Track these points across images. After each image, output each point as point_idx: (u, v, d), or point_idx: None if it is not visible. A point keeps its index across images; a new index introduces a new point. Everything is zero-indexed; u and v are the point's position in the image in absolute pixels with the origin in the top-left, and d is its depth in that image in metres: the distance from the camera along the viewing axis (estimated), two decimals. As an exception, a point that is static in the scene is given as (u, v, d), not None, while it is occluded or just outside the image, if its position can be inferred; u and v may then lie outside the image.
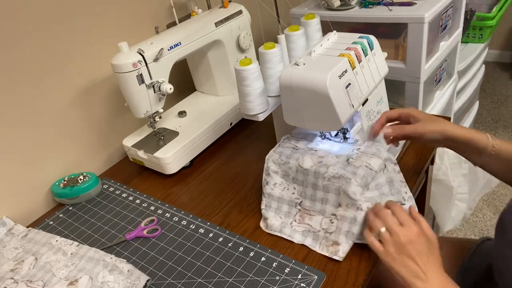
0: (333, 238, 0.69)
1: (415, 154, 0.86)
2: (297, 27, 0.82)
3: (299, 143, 0.80)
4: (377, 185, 0.71)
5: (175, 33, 0.93)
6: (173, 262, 0.72)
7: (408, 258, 0.60)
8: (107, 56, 0.90)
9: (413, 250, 0.60)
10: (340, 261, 0.67)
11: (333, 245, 0.68)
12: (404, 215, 0.64)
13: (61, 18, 0.89)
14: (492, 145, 0.67)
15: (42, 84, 0.89)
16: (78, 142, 0.99)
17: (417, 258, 0.60)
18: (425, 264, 0.60)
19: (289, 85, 0.71)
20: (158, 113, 0.94)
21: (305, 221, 0.74)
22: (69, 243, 0.77)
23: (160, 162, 0.92)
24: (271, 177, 0.78)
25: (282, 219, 0.76)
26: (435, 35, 1.13)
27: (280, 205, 0.77)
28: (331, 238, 0.69)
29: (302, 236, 0.73)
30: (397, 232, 0.62)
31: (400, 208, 0.66)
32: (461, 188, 1.20)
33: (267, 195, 0.78)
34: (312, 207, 0.74)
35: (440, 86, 1.34)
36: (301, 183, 0.75)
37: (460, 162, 1.14)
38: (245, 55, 1.11)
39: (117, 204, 0.89)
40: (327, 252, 0.69)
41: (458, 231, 1.64)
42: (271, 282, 0.65)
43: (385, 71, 0.84)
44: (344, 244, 0.68)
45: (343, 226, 0.68)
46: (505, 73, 2.61)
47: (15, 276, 0.71)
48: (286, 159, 0.76)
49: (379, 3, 1.12)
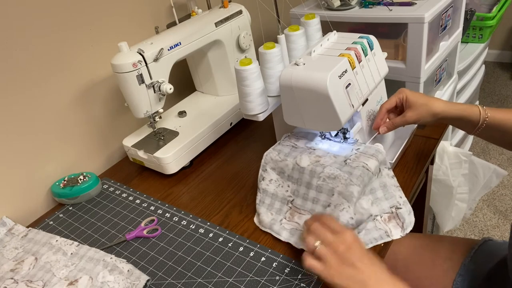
0: None
1: (415, 154, 0.86)
2: (297, 27, 0.82)
3: (299, 141, 0.80)
4: (372, 190, 0.71)
5: (175, 33, 0.93)
6: (173, 262, 0.72)
7: (350, 267, 0.56)
8: (107, 56, 0.90)
9: (353, 256, 0.56)
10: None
11: None
12: (335, 223, 0.62)
13: (61, 18, 0.89)
14: (485, 116, 0.68)
15: (42, 84, 0.89)
16: (78, 142, 0.99)
17: (359, 263, 0.56)
18: (369, 267, 0.56)
19: (289, 85, 0.71)
20: (158, 113, 0.94)
21: (294, 219, 0.74)
22: (69, 243, 0.77)
23: (160, 162, 0.92)
24: (268, 173, 0.78)
25: (273, 215, 0.76)
26: (435, 35, 1.13)
27: (273, 201, 0.77)
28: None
29: (289, 234, 0.72)
30: (332, 242, 0.58)
31: (329, 217, 0.63)
32: (461, 188, 1.19)
33: (262, 190, 0.78)
34: (303, 205, 0.74)
35: (440, 86, 1.34)
36: (296, 181, 0.75)
37: (460, 162, 1.13)
38: (245, 55, 1.11)
39: (117, 204, 0.89)
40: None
41: (458, 231, 1.64)
42: (271, 282, 0.65)
43: (385, 71, 0.84)
44: None
45: None
46: (505, 73, 2.62)
47: (15, 276, 0.71)
48: (284, 157, 0.76)
49: (379, 3, 1.12)
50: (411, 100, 0.72)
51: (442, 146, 1.12)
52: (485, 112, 0.69)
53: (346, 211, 0.67)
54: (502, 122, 0.68)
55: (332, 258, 0.57)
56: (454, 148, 1.13)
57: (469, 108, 0.70)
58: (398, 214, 0.70)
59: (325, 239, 0.59)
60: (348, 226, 0.66)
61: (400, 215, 0.70)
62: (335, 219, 0.64)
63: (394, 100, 0.76)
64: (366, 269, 0.55)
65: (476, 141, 2.06)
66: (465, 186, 1.20)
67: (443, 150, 1.13)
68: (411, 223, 0.70)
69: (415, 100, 0.72)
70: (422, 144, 0.89)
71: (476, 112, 0.69)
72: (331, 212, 0.69)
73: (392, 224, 0.69)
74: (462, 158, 1.12)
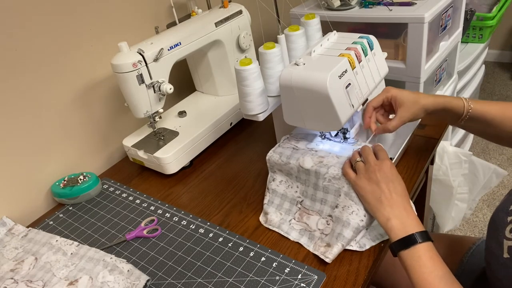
0: (327, 240, 0.69)
1: (415, 154, 0.86)
2: (297, 27, 0.82)
3: (299, 143, 0.80)
4: None
5: (175, 33, 0.93)
6: (173, 262, 0.72)
7: (374, 184, 0.65)
8: (107, 56, 0.90)
9: (381, 176, 0.65)
10: (340, 262, 0.67)
11: (326, 247, 0.68)
12: (384, 154, 0.69)
13: (61, 18, 0.89)
14: (468, 108, 0.71)
15: (42, 84, 0.89)
16: (78, 142, 0.99)
17: (383, 183, 0.64)
18: (391, 190, 0.64)
19: (289, 85, 0.71)
20: (158, 113, 0.94)
21: (303, 220, 0.74)
22: (69, 243, 0.77)
23: (160, 162, 0.92)
24: (277, 174, 0.79)
25: (282, 215, 0.76)
26: (435, 35, 1.13)
27: (282, 202, 0.77)
28: (325, 240, 0.69)
29: (299, 234, 0.73)
30: (370, 161, 0.67)
31: (382, 149, 0.70)
32: (461, 188, 1.19)
33: (272, 190, 0.79)
34: (312, 206, 0.74)
35: (440, 86, 1.34)
36: (304, 182, 0.75)
37: (460, 162, 1.13)
38: (245, 55, 1.11)
39: (117, 204, 0.89)
40: (318, 252, 0.68)
41: (458, 231, 1.64)
42: (271, 282, 0.65)
43: (385, 71, 0.84)
44: (334, 246, 0.67)
45: (336, 228, 0.68)
46: (505, 73, 2.61)
47: (15, 276, 0.71)
48: (287, 160, 0.76)
49: (379, 3, 1.12)
50: (400, 100, 0.73)
51: (442, 146, 1.12)
52: (468, 104, 0.71)
53: (356, 214, 0.67)
54: (484, 113, 0.71)
55: (365, 173, 0.67)
56: (454, 148, 1.13)
57: (454, 100, 0.72)
58: None
59: (366, 158, 0.69)
60: (359, 229, 0.67)
61: None
62: (383, 150, 0.70)
63: (381, 99, 0.76)
64: (386, 190, 0.64)
65: (476, 141, 2.06)
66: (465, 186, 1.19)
67: (443, 150, 1.13)
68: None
69: (405, 99, 0.73)
70: (422, 144, 0.89)
71: (460, 104, 0.72)
72: (339, 215, 0.69)
73: None
74: (462, 158, 1.12)
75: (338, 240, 0.67)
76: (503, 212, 0.58)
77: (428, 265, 0.56)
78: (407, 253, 0.58)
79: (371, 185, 0.65)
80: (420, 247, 0.58)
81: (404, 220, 0.61)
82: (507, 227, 0.55)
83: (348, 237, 0.67)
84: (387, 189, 0.64)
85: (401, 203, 0.63)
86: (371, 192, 0.65)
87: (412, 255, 0.58)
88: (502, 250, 0.55)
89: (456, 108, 0.72)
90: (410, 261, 0.58)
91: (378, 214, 0.63)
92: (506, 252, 0.54)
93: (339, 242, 0.67)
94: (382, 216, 0.63)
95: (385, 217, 0.62)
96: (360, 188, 0.66)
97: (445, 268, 0.57)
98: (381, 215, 0.63)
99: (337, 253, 0.66)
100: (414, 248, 0.58)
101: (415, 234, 0.59)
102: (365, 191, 0.66)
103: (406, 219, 0.61)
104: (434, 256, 0.58)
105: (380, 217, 0.63)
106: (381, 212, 0.63)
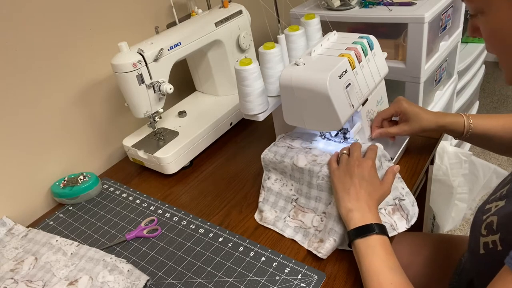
0: (320, 236, 0.69)
1: (415, 154, 0.86)
2: (297, 27, 0.82)
3: (294, 142, 0.80)
4: None
5: (175, 33, 0.93)
6: (173, 262, 0.72)
7: (349, 176, 0.66)
8: (107, 56, 0.90)
9: (358, 172, 0.66)
10: (340, 261, 0.67)
11: (319, 242, 0.68)
12: (372, 154, 0.70)
13: (61, 18, 0.89)
14: (469, 124, 0.74)
15: (42, 84, 0.89)
16: (78, 142, 0.99)
17: (356, 178, 0.65)
18: (362, 187, 0.65)
19: (289, 85, 0.71)
20: (158, 113, 0.94)
21: (298, 218, 0.74)
22: (69, 243, 0.77)
23: (160, 162, 0.92)
24: (272, 173, 0.79)
25: (277, 213, 0.77)
26: (435, 35, 1.13)
27: (277, 200, 0.78)
28: (319, 236, 0.70)
29: (294, 231, 0.73)
30: (354, 156, 0.69)
31: (374, 150, 0.71)
32: (461, 188, 1.19)
33: (267, 189, 0.79)
34: (307, 204, 0.74)
35: (440, 86, 1.33)
36: (298, 180, 0.75)
37: (460, 162, 1.13)
38: (245, 55, 1.11)
39: (117, 204, 0.89)
40: (312, 248, 0.69)
41: (458, 231, 1.63)
42: (271, 282, 0.65)
43: (385, 71, 0.84)
44: (327, 241, 0.67)
45: (328, 223, 0.69)
46: (505, 73, 2.61)
47: (15, 276, 0.71)
48: (281, 158, 0.76)
49: (379, 3, 1.11)
50: (408, 115, 0.77)
51: (442, 146, 1.12)
52: (469, 123, 0.74)
53: None
54: (485, 130, 0.74)
55: (345, 165, 0.68)
56: (454, 148, 1.12)
57: (454, 120, 0.75)
58: (401, 205, 0.70)
59: (352, 153, 0.70)
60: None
61: (404, 207, 0.70)
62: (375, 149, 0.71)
63: (391, 112, 0.80)
64: (358, 185, 0.65)
65: (476, 141, 2.05)
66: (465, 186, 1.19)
67: (443, 150, 1.13)
68: (415, 214, 0.70)
69: (412, 116, 0.77)
70: (422, 144, 0.89)
71: (461, 123, 0.75)
72: (331, 211, 0.69)
73: (396, 217, 0.69)
74: (462, 158, 1.12)
75: (330, 235, 0.67)
76: (479, 211, 0.60)
77: (381, 254, 0.58)
78: (363, 241, 0.60)
79: (345, 176, 0.67)
80: (377, 238, 0.60)
81: (365, 214, 0.62)
82: (482, 225, 0.57)
83: (340, 232, 0.67)
84: (358, 184, 0.65)
85: (367, 201, 0.64)
86: (342, 182, 0.66)
87: (368, 243, 0.59)
88: (479, 247, 0.57)
89: (456, 128, 0.75)
90: (364, 249, 0.59)
91: (342, 204, 0.65)
92: (482, 248, 0.56)
93: (331, 237, 0.67)
94: (345, 207, 0.64)
95: (347, 208, 0.64)
96: (335, 176, 0.68)
97: (398, 263, 0.58)
98: (344, 206, 0.64)
99: (330, 248, 0.67)
100: (370, 237, 0.60)
101: (373, 224, 0.61)
102: (338, 180, 0.67)
103: (368, 213, 0.63)
104: (388, 249, 0.59)
105: (343, 207, 0.65)
106: (345, 203, 0.64)
